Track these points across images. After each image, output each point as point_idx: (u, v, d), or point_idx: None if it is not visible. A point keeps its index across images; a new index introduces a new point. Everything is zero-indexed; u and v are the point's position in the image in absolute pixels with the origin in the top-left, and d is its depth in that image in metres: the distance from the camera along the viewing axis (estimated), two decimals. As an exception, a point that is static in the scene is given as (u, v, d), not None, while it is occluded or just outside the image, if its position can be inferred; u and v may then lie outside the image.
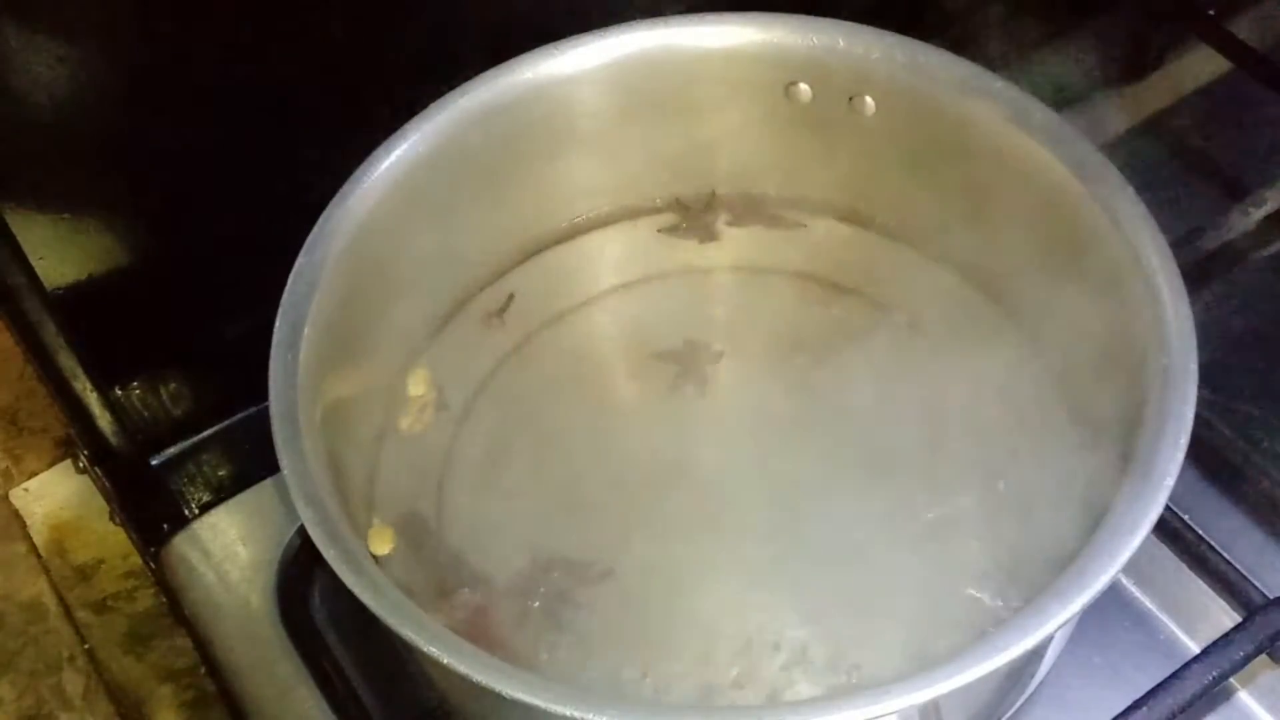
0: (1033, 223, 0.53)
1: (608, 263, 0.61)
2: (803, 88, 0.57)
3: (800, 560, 0.51)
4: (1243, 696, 0.53)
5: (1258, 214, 0.65)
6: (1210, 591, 0.54)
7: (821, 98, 0.57)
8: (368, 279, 0.53)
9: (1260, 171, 0.68)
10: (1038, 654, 0.47)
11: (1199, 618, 0.54)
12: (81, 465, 0.66)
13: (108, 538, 0.65)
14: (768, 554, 0.51)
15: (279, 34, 0.56)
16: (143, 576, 0.63)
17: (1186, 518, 0.55)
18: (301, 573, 0.57)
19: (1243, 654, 0.49)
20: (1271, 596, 0.52)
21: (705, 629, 0.50)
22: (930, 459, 0.53)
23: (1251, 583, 0.53)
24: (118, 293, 0.58)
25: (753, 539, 0.52)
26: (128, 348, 0.60)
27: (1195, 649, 0.51)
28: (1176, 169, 0.70)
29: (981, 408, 0.54)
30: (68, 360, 0.56)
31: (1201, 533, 0.55)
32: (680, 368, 0.58)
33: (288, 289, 0.50)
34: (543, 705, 0.40)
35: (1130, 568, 0.45)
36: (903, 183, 0.58)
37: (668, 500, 0.53)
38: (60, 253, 0.56)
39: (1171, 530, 0.55)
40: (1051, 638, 0.41)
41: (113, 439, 0.59)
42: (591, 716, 0.39)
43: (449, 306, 0.59)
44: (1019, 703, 0.51)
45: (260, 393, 0.47)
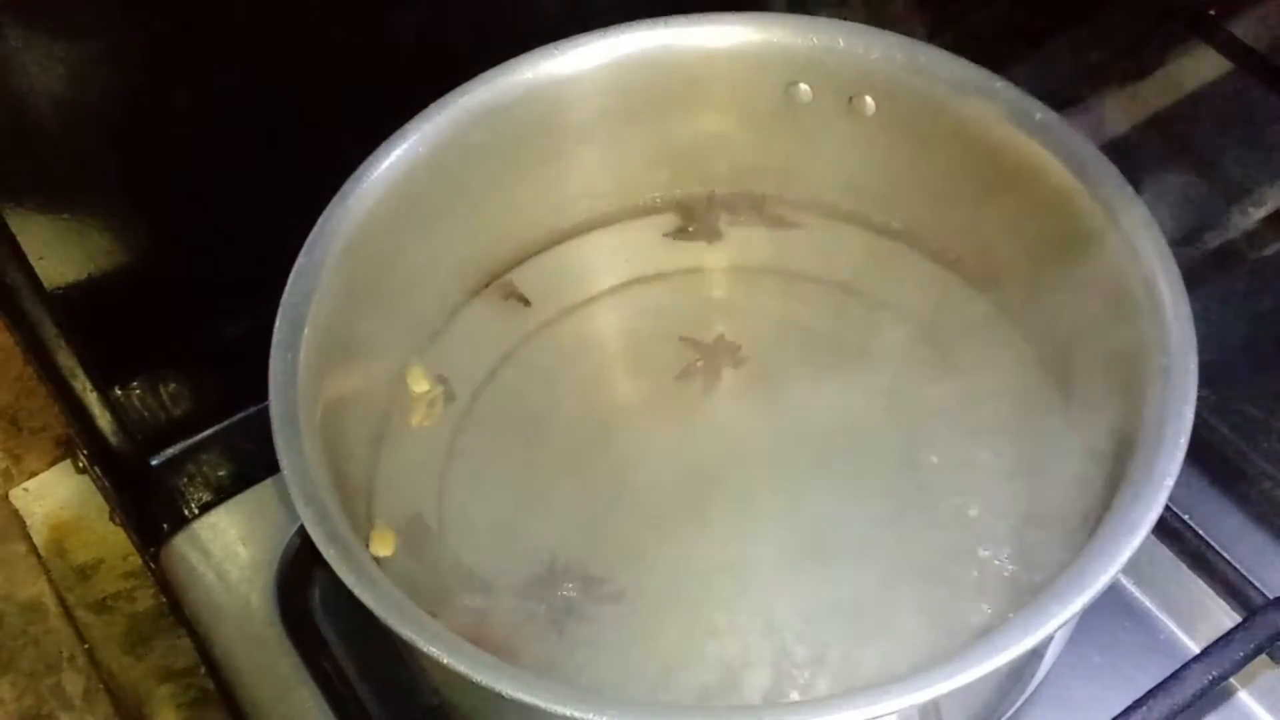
0: (1033, 223, 0.53)
1: (606, 263, 0.61)
2: (803, 88, 0.57)
3: (800, 559, 0.51)
4: (1243, 696, 0.53)
5: (1258, 214, 0.65)
6: (1210, 591, 0.54)
7: (821, 98, 0.57)
8: (368, 279, 0.53)
9: (1260, 171, 0.68)
10: (1038, 654, 0.47)
11: (1199, 618, 0.54)
12: (81, 465, 0.66)
13: (108, 538, 0.65)
14: (770, 553, 0.51)
15: (279, 34, 0.56)
16: (143, 576, 0.63)
17: (1186, 518, 0.55)
18: (301, 573, 0.57)
19: (1243, 654, 0.49)
20: (1271, 596, 0.52)
21: (711, 631, 0.50)
22: (931, 459, 0.53)
23: (1251, 583, 0.53)
24: (118, 293, 0.58)
25: (757, 538, 0.52)
26: (128, 348, 0.60)
27: (1195, 649, 0.51)
28: (1176, 169, 0.70)
29: (982, 407, 0.54)
30: (68, 360, 0.56)
31: (1201, 533, 0.55)
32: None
33: (288, 289, 0.50)
34: (543, 705, 0.40)
35: (1130, 568, 0.45)
36: (903, 183, 0.58)
37: (673, 501, 0.53)
38: (60, 253, 0.56)
39: (1171, 530, 0.55)
40: (1051, 638, 0.41)
41: (112, 439, 0.59)
42: (591, 716, 0.39)
43: (450, 306, 0.59)
44: (1019, 703, 0.51)
45: (260, 393, 0.47)
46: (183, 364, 0.62)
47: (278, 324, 0.49)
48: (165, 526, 0.59)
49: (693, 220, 0.62)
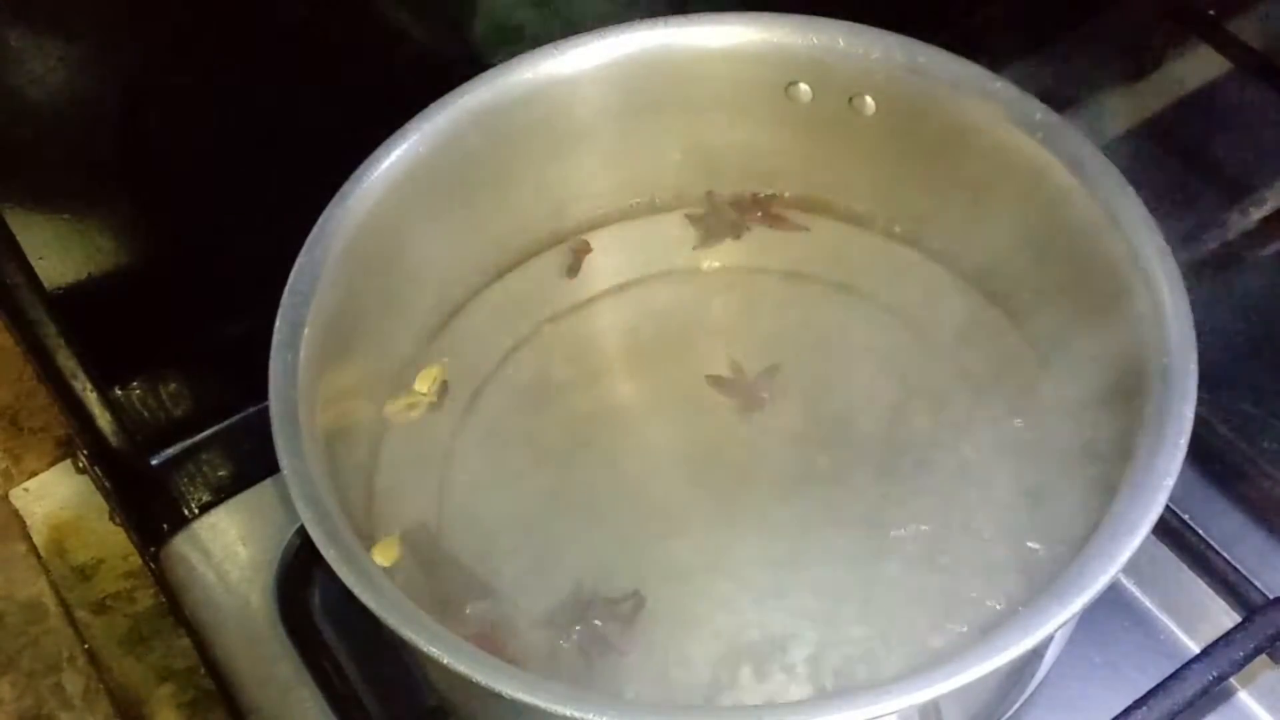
0: (1033, 222, 0.53)
1: (606, 264, 0.61)
2: (803, 88, 0.57)
3: (802, 560, 0.51)
4: (1243, 696, 0.53)
5: (1258, 214, 0.65)
6: (1210, 591, 0.54)
7: (821, 98, 0.57)
8: (368, 278, 0.53)
9: (1260, 171, 0.68)
10: (1038, 654, 0.47)
11: (1199, 618, 0.54)
12: (81, 465, 0.66)
13: (108, 538, 0.65)
14: (774, 554, 0.51)
15: (279, 34, 0.56)
16: (143, 576, 0.63)
17: (1186, 518, 0.55)
18: (301, 573, 0.57)
19: (1243, 654, 0.49)
20: (1271, 596, 0.52)
21: (715, 632, 0.50)
22: (933, 459, 0.53)
23: (1251, 583, 0.53)
24: (118, 293, 0.58)
25: (762, 539, 0.52)
26: (128, 348, 0.60)
27: (1195, 649, 0.51)
28: (1176, 169, 0.70)
29: (982, 407, 0.54)
30: (68, 360, 0.56)
31: (1201, 533, 0.55)
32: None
33: (288, 289, 0.50)
34: (543, 705, 0.40)
35: (1130, 568, 0.45)
36: (903, 183, 0.58)
37: (673, 501, 0.53)
38: (60, 253, 0.56)
39: (1171, 530, 0.55)
40: (1051, 638, 0.41)
41: (113, 439, 0.59)
42: (591, 716, 0.39)
43: (450, 306, 0.59)
44: (1019, 703, 0.51)
45: (260, 393, 0.47)
46: (183, 364, 0.62)
47: (278, 324, 0.49)
48: (165, 526, 0.59)
49: (692, 220, 0.62)
